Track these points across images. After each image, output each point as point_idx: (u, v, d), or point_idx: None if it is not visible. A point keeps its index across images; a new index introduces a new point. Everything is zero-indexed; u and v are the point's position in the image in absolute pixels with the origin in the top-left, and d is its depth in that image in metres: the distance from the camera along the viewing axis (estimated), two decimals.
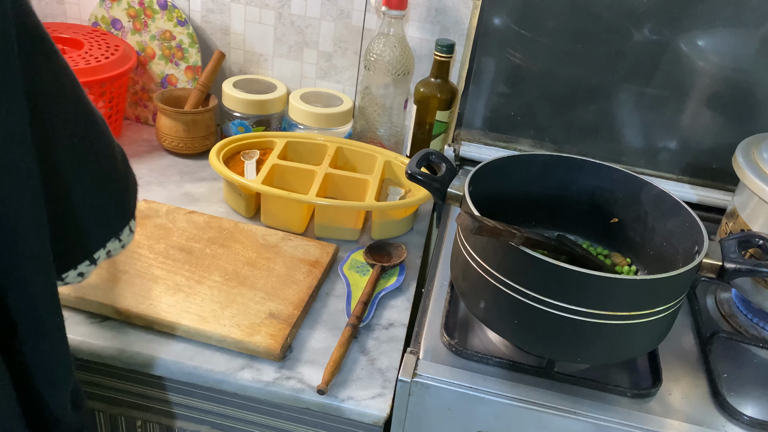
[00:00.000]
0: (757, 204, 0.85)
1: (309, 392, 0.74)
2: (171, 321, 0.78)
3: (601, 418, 0.72)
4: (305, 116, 1.11)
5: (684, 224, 0.78)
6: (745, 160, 0.87)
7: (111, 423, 0.85)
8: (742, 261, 0.70)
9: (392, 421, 0.75)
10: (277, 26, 1.17)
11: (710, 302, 0.94)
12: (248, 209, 1.01)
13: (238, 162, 1.04)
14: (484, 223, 0.64)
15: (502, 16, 1.05)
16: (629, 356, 0.78)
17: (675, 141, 1.09)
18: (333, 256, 0.93)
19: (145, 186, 1.06)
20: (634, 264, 0.87)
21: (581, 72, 1.07)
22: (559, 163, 0.87)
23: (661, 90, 1.06)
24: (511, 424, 0.73)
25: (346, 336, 0.79)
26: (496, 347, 0.80)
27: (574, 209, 0.89)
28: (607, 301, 0.66)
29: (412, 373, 0.73)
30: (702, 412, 0.75)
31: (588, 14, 1.02)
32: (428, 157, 0.80)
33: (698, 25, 1.00)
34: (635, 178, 0.84)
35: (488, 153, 1.12)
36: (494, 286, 0.70)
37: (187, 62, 1.18)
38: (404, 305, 0.89)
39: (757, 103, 1.03)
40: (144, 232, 0.91)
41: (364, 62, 1.11)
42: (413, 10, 1.11)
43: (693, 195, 1.08)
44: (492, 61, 1.08)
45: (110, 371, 0.80)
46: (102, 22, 1.19)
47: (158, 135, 1.14)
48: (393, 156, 1.08)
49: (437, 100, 1.09)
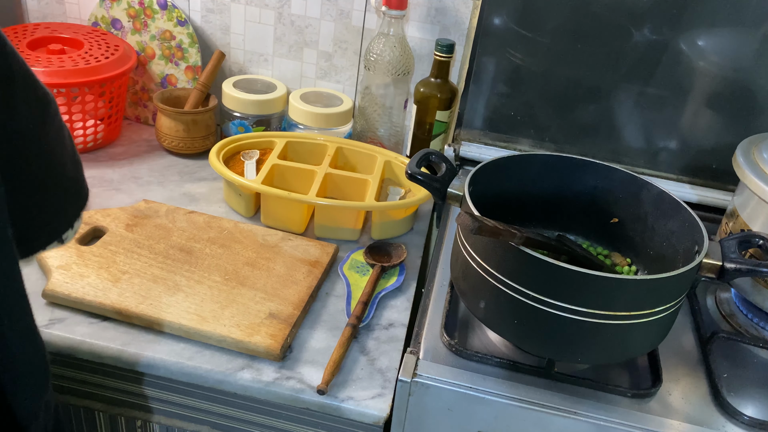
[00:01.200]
0: (757, 204, 0.85)
1: (309, 392, 0.74)
2: (171, 321, 0.78)
3: (601, 418, 0.72)
4: (305, 116, 1.11)
5: (684, 224, 0.78)
6: (745, 160, 0.87)
7: (111, 423, 0.85)
8: (742, 261, 0.70)
9: (392, 421, 0.75)
10: (277, 26, 1.17)
11: (710, 302, 0.94)
12: (248, 209, 1.01)
13: (238, 162, 1.04)
14: (484, 223, 0.64)
15: (502, 16, 1.05)
16: (629, 356, 0.78)
17: (675, 141, 1.09)
18: (333, 256, 0.93)
19: (145, 186, 1.06)
20: (634, 264, 0.87)
21: (581, 72, 1.07)
22: (559, 163, 0.87)
23: (661, 90, 1.06)
24: (511, 424, 0.73)
25: (346, 336, 0.79)
26: (496, 347, 0.80)
27: (574, 209, 0.89)
28: (607, 301, 0.66)
29: (412, 373, 0.73)
30: (702, 412, 0.75)
31: (588, 14, 1.03)
32: (428, 157, 0.80)
33: (698, 25, 1.00)
34: (635, 178, 0.84)
35: (488, 153, 1.12)
36: (494, 286, 0.70)
37: (187, 62, 1.18)
38: (404, 305, 0.89)
39: (757, 103, 1.03)
40: (144, 232, 0.91)
41: (364, 62, 1.11)
42: (413, 10, 1.11)
43: (693, 195, 1.08)
44: (492, 61, 1.08)
45: (110, 371, 0.80)
46: (102, 22, 1.19)
47: (158, 135, 1.14)
48: (393, 156, 1.08)
49: (437, 100, 1.09)
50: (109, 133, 1.15)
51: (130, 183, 1.06)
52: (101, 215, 0.92)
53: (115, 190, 1.04)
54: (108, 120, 1.12)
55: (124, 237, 0.89)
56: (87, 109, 1.07)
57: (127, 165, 1.11)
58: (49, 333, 0.77)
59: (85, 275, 0.82)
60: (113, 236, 0.89)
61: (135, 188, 1.05)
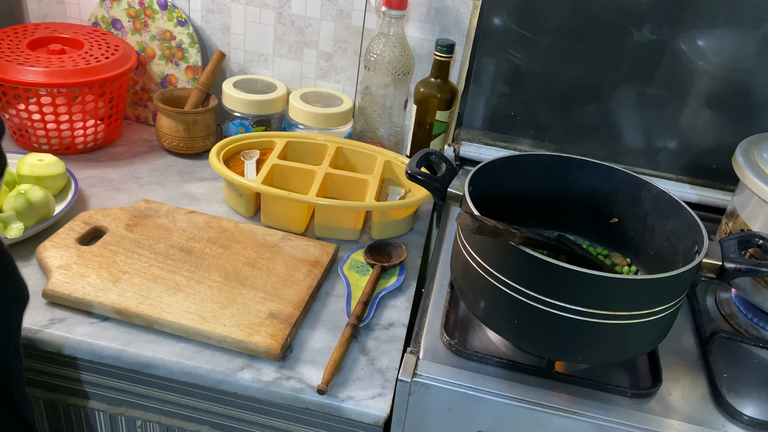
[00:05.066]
0: (757, 204, 0.85)
1: (309, 392, 0.74)
2: (171, 321, 0.78)
3: (601, 418, 0.72)
4: (305, 116, 1.11)
5: (684, 224, 0.78)
6: (745, 160, 0.87)
7: (111, 423, 0.85)
8: (742, 261, 0.70)
9: (392, 421, 0.75)
10: (277, 26, 1.17)
11: (710, 302, 0.94)
12: (248, 209, 1.01)
13: (238, 162, 1.04)
14: (484, 223, 0.64)
15: (502, 16, 1.05)
16: (629, 356, 0.78)
17: (675, 141, 1.09)
18: (333, 256, 0.93)
19: (145, 186, 1.06)
20: (634, 264, 0.87)
21: (581, 72, 1.07)
22: (559, 163, 0.87)
23: (661, 90, 1.06)
24: (511, 424, 0.73)
25: (346, 336, 0.79)
26: (496, 347, 0.80)
27: (574, 209, 0.89)
28: (607, 301, 0.66)
29: (412, 373, 0.73)
30: (702, 412, 0.75)
31: (588, 14, 1.03)
32: (428, 157, 0.80)
33: (698, 25, 1.00)
34: (635, 178, 0.84)
35: (488, 153, 1.12)
36: (494, 286, 0.70)
37: (187, 62, 1.18)
38: (404, 305, 0.89)
39: (757, 103, 1.03)
40: (144, 232, 0.91)
41: (364, 62, 1.11)
42: (413, 10, 1.11)
43: (693, 195, 1.08)
44: (492, 61, 1.08)
45: (110, 371, 0.80)
46: (102, 22, 1.19)
47: (158, 135, 1.15)
48: (393, 156, 1.08)
49: (437, 100, 1.09)
50: (110, 133, 1.15)
51: (131, 183, 1.06)
52: (101, 215, 0.92)
53: (115, 190, 1.04)
54: (108, 120, 1.12)
55: (125, 237, 0.89)
56: (87, 109, 1.07)
57: (127, 165, 1.11)
58: (49, 333, 0.77)
59: (86, 275, 0.82)
60: (113, 236, 0.89)
61: (135, 188, 1.05)
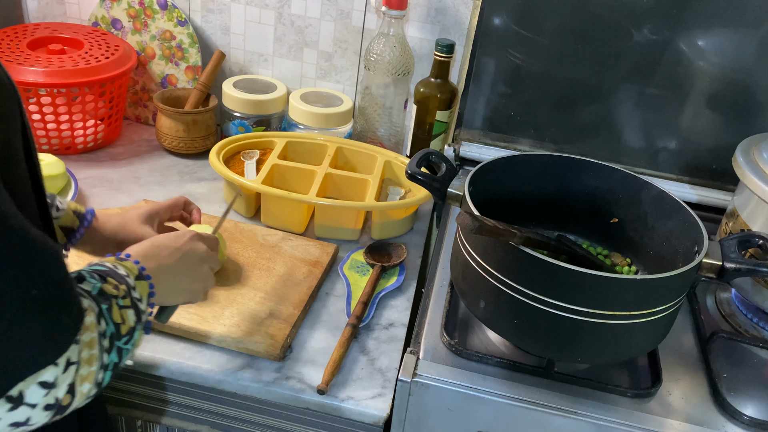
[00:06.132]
0: (757, 204, 0.85)
1: (309, 392, 0.74)
2: (171, 321, 0.77)
3: (601, 418, 0.72)
4: (305, 116, 1.11)
5: (684, 224, 0.78)
6: (745, 160, 0.87)
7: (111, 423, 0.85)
8: (742, 261, 0.70)
9: (392, 421, 0.75)
10: (277, 26, 1.17)
11: (710, 302, 0.94)
12: (248, 209, 1.01)
13: (238, 162, 1.04)
14: (484, 223, 0.64)
15: (502, 16, 1.05)
16: (629, 356, 0.78)
17: (675, 141, 1.09)
18: (333, 256, 0.93)
19: (145, 186, 1.06)
20: (634, 264, 0.87)
21: (581, 72, 1.07)
22: (559, 163, 0.87)
23: (661, 90, 1.06)
24: (511, 424, 0.73)
25: (346, 336, 0.79)
26: (496, 347, 0.80)
27: (574, 209, 0.89)
28: (607, 301, 0.66)
29: (412, 373, 0.73)
30: (702, 412, 0.75)
31: (588, 14, 1.03)
32: (428, 157, 0.80)
33: (698, 25, 1.00)
34: (635, 178, 0.84)
35: (488, 153, 1.12)
36: (494, 286, 0.70)
37: (187, 62, 1.18)
38: (404, 305, 0.89)
39: (757, 103, 1.03)
40: None
41: (364, 62, 1.11)
42: (413, 10, 1.11)
43: (693, 195, 1.08)
44: (492, 61, 1.08)
45: None
46: (102, 22, 1.19)
47: (158, 135, 1.15)
48: (393, 156, 1.08)
49: (437, 100, 1.09)
50: (110, 133, 1.15)
51: (131, 183, 1.06)
52: None
53: (115, 190, 1.04)
54: (108, 120, 1.12)
55: None
56: (87, 109, 1.07)
57: (127, 165, 1.11)
58: None
59: None
60: None
61: (135, 188, 1.05)
